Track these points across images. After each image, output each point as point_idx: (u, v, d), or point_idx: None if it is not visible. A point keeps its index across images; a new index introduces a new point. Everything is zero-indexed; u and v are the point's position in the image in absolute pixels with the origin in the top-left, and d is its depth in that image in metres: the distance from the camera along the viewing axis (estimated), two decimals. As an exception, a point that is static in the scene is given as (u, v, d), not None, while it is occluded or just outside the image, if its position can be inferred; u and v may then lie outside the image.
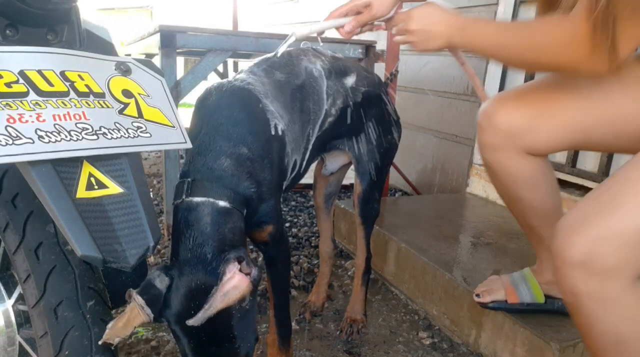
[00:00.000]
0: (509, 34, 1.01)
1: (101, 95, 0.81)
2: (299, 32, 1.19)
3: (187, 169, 1.06)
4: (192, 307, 0.90)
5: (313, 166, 1.53)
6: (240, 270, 0.93)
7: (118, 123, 0.80)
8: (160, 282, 0.92)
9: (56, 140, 0.72)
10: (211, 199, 1.01)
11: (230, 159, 1.06)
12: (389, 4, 1.18)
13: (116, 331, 0.85)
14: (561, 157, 2.25)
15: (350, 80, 1.43)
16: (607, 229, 0.79)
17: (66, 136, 0.73)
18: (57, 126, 0.74)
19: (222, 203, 1.02)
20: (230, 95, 1.14)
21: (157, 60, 2.08)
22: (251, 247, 1.70)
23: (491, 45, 1.04)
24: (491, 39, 1.03)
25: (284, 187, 1.26)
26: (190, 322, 0.88)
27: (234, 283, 0.90)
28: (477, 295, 1.47)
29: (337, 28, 1.21)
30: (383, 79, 2.50)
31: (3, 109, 0.70)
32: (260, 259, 2.08)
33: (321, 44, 1.32)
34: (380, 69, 2.33)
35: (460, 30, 1.06)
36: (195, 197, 1.01)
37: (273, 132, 1.16)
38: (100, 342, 0.85)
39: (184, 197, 1.01)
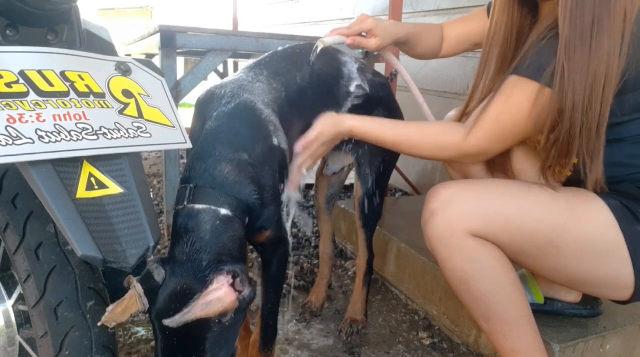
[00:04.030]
0: (404, 125, 1.21)
1: (101, 95, 0.81)
2: (326, 40, 1.28)
3: (188, 175, 1.05)
4: (172, 308, 0.90)
5: (315, 167, 1.52)
6: (232, 285, 0.92)
7: (118, 123, 0.80)
8: (158, 274, 0.92)
9: (56, 140, 0.72)
10: (213, 207, 1.00)
11: (231, 165, 1.05)
12: (389, 39, 1.32)
13: (114, 315, 0.85)
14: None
15: (354, 83, 1.40)
16: (461, 202, 1.06)
17: (66, 136, 0.74)
18: (57, 126, 0.74)
19: (224, 211, 1.00)
20: (230, 97, 1.12)
21: (157, 60, 2.08)
22: (251, 247, 1.70)
23: (390, 128, 1.19)
24: (390, 124, 1.21)
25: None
26: (166, 322, 0.88)
27: (219, 295, 0.89)
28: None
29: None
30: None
31: (3, 109, 0.70)
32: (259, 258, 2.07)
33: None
34: (380, 69, 2.33)
35: (359, 119, 1.20)
36: (196, 204, 1.00)
37: (274, 132, 1.14)
38: (99, 324, 0.85)
39: (185, 203, 1.00)
